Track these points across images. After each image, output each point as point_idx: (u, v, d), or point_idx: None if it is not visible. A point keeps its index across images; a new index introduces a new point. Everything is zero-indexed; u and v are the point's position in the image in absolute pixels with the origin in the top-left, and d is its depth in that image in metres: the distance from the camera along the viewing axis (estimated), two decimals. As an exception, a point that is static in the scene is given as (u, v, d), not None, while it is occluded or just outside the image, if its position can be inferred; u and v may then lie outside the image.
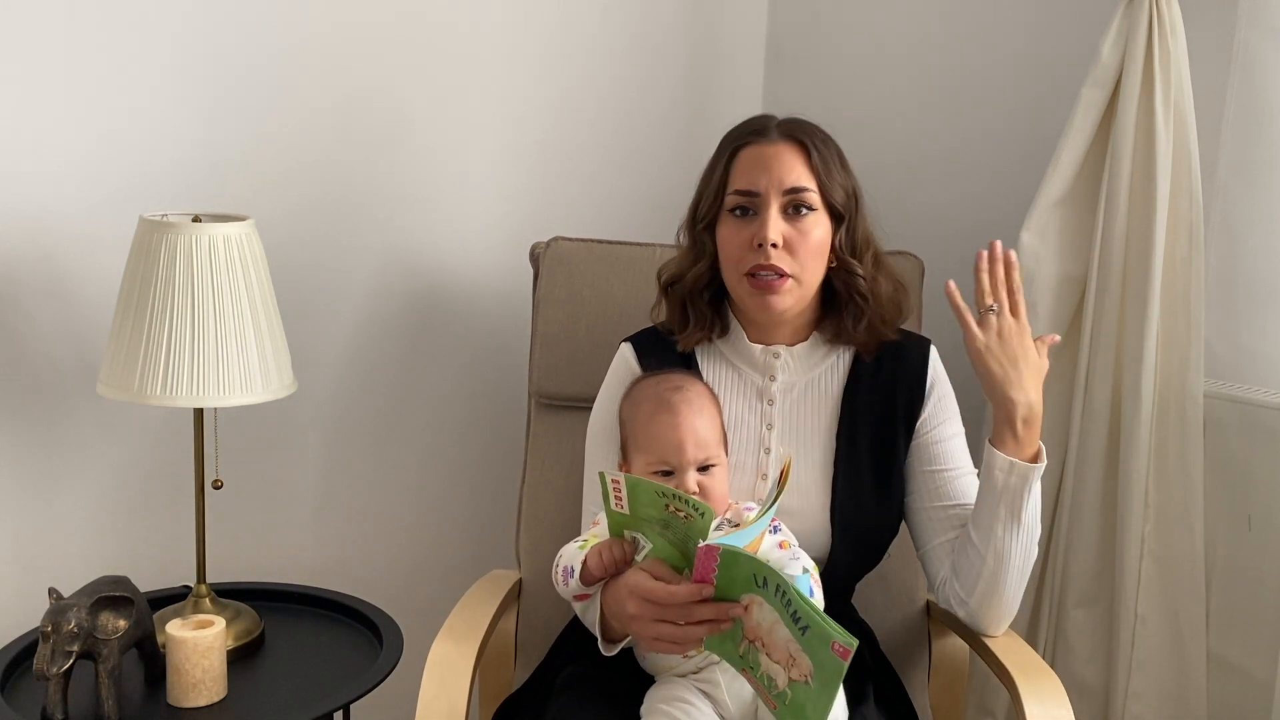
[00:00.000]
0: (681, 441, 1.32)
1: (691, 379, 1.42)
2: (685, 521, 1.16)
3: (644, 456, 1.35)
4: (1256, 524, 1.72)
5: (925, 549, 1.49)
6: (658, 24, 2.12)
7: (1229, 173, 1.75)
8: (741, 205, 1.42)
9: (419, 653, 1.44)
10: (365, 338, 1.96)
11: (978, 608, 1.43)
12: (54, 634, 1.39)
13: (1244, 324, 1.75)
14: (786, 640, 1.10)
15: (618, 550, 1.26)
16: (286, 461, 1.93)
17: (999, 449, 1.38)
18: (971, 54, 2.04)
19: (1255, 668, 1.72)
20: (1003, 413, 1.38)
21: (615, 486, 1.20)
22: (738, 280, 1.43)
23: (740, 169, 1.43)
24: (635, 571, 1.22)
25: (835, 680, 1.07)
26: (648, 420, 1.36)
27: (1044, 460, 1.39)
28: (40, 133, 1.66)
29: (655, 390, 1.38)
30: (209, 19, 1.74)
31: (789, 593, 1.08)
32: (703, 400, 1.38)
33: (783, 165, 1.41)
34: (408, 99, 1.92)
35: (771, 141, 1.43)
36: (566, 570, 1.32)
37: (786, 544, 1.31)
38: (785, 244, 1.39)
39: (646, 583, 1.19)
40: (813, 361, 1.49)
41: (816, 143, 1.43)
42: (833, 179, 1.43)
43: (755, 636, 1.14)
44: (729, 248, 1.43)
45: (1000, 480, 1.37)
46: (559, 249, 1.78)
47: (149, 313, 1.49)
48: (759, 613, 1.13)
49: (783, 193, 1.40)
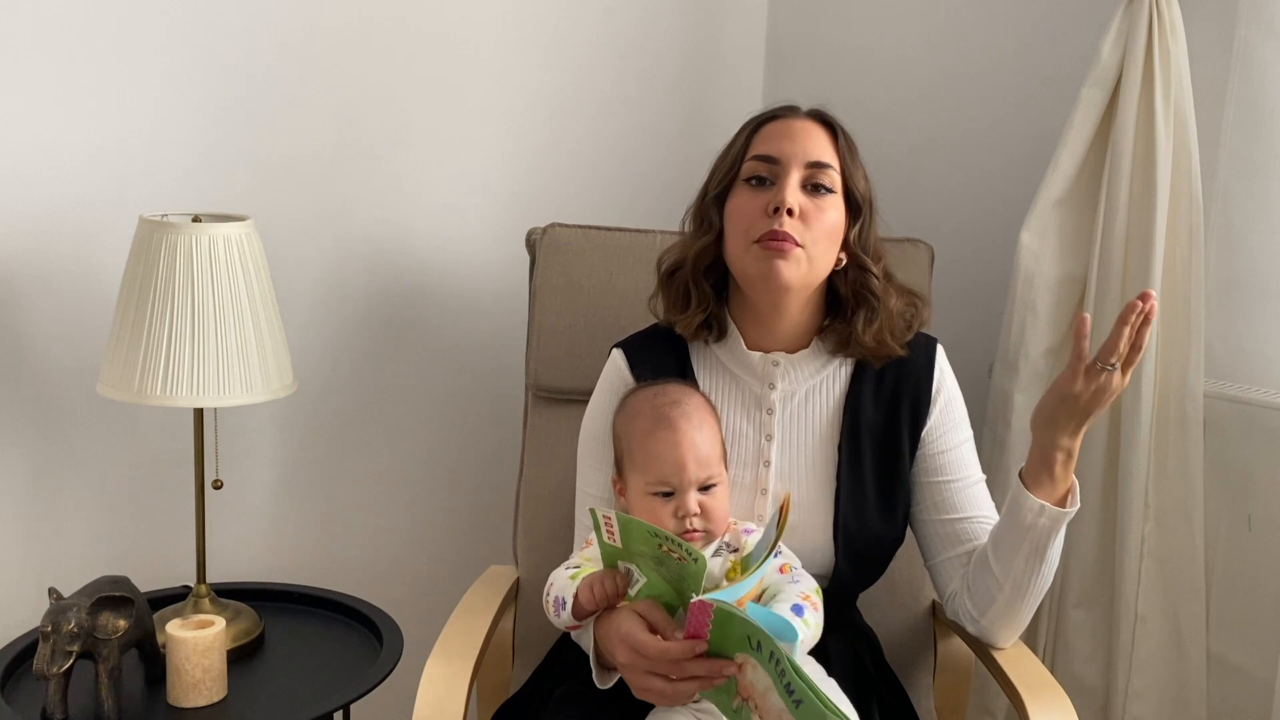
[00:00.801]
0: (682, 460, 1.26)
1: (689, 390, 1.35)
2: (679, 562, 1.12)
3: (642, 476, 1.29)
4: (1256, 524, 1.72)
5: (934, 562, 1.45)
6: (658, 18, 2.12)
7: (1229, 173, 1.74)
8: (759, 174, 1.35)
9: (419, 653, 1.44)
10: (365, 336, 1.96)
11: (989, 626, 1.39)
12: (54, 634, 1.39)
13: (1244, 324, 1.75)
14: (780, 710, 1.05)
15: (610, 584, 1.21)
16: (286, 461, 1.93)
17: (1033, 490, 1.29)
18: (971, 54, 2.04)
19: (1255, 668, 1.72)
20: (1047, 454, 1.29)
21: (607, 523, 1.16)
22: (745, 249, 1.34)
23: (763, 138, 1.38)
24: (628, 617, 1.17)
25: None
26: (645, 438, 1.29)
27: (1077, 504, 1.31)
28: (40, 133, 1.66)
29: (653, 405, 1.31)
30: (209, 18, 1.74)
31: (783, 662, 1.02)
32: (702, 414, 1.31)
33: (810, 138, 1.36)
34: (406, 95, 1.92)
35: (800, 117, 1.40)
36: (558, 601, 1.27)
37: (788, 567, 1.27)
38: (801, 215, 1.32)
39: (638, 634, 1.14)
40: (813, 369, 1.42)
41: (843, 129, 1.40)
42: (856, 167, 1.38)
43: (749, 696, 1.09)
44: (739, 215, 1.35)
45: (1029, 520, 1.29)
46: (556, 236, 1.75)
47: (149, 313, 1.49)
48: (753, 674, 1.07)
49: (805, 165, 1.34)
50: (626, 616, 1.18)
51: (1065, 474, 1.30)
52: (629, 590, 1.22)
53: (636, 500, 1.30)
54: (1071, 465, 1.30)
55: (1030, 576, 1.33)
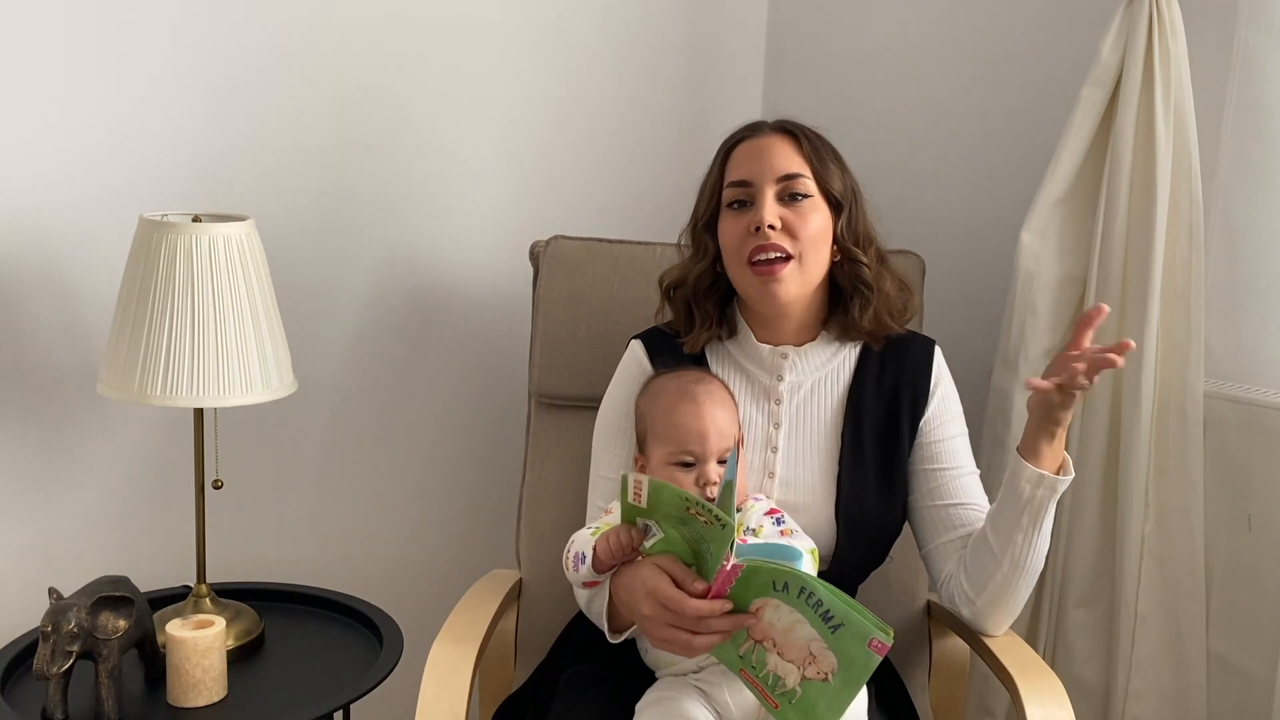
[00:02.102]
0: (705, 431, 1.34)
1: (709, 374, 1.45)
2: (705, 526, 1.16)
3: (665, 447, 1.36)
4: (1256, 524, 1.72)
5: (927, 548, 1.49)
6: (658, 23, 2.12)
7: (1229, 173, 1.75)
8: (738, 198, 1.43)
9: (419, 653, 1.44)
10: (365, 337, 1.96)
11: (984, 607, 1.43)
12: (54, 634, 1.39)
13: (1244, 324, 1.75)
14: (808, 639, 1.11)
15: (625, 536, 1.26)
16: (286, 461, 1.93)
17: (1030, 461, 1.35)
18: (971, 54, 2.04)
19: (1255, 668, 1.72)
20: (1042, 429, 1.34)
21: (637, 487, 1.20)
22: (741, 271, 1.43)
23: (734, 163, 1.46)
24: (653, 571, 1.21)
25: (862, 676, 1.08)
26: (669, 411, 1.37)
27: (1071, 472, 1.37)
28: (40, 133, 1.66)
29: (677, 383, 1.40)
30: (209, 17, 1.74)
31: (818, 593, 1.08)
32: (723, 393, 1.41)
33: (775, 154, 1.43)
34: (408, 98, 1.92)
35: (763, 135, 1.46)
36: (578, 556, 1.33)
37: (788, 531, 1.33)
38: (784, 226, 1.40)
39: (666, 589, 1.18)
40: (820, 361, 1.49)
41: (808, 135, 1.46)
42: (827, 168, 1.44)
43: (764, 637, 1.15)
44: (729, 239, 1.44)
45: (1027, 492, 1.35)
46: (559, 248, 1.78)
47: (149, 313, 1.49)
48: (772, 614, 1.14)
49: (776, 180, 1.41)
50: (651, 570, 1.22)
51: (1058, 446, 1.37)
52: (645, 544, 1.26)
53: (658, 472, 1.37)
54: (1063, 437, 1.36)
55: (1027, 551, 1.37)
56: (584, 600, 1.40)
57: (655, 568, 1.22)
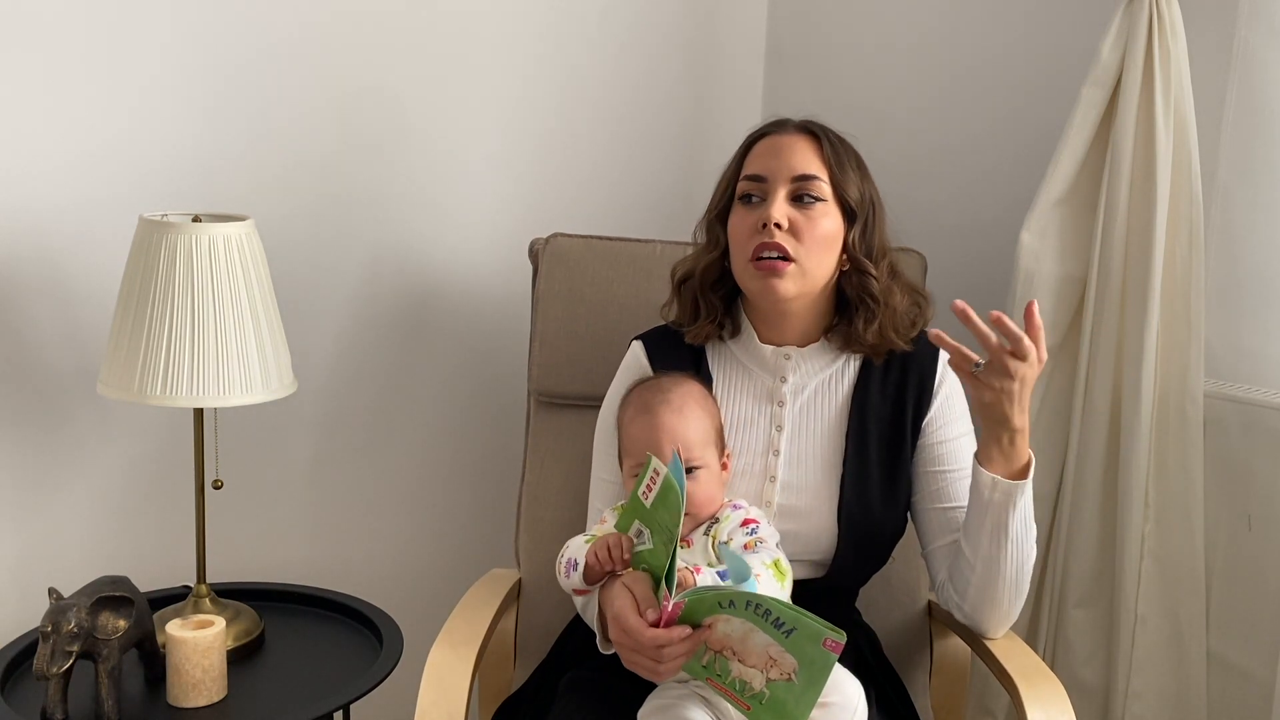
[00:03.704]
0: (657, 443, 1.32)
1: (682, 381, 1.41)
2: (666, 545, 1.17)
3: (627, 460, 1.38)
4: (1256, 524, 1.72)
5: (928, 549, 1.49)
6: (657, 22, 2.12)
7: (1229, 173, 1.74)
8: (750, 192, 1.42)
9: (419, 653, 1.44)
10: (365, 337, 1.96)
11: (973, 611, 1.43)
12: (54, 634, 1.39)
13: (1244, 324, 1.75)
14: (765, 645, 1.12)
15: (614, 546, 1.26)
16: (286, 461, 1.93)
17: (985, 466, 1.35)
18: (971, 54, 2.04)
19: (1255, 668, 1.72)
20: (993, 434, 1.33)
21: (654, 477, 1.21)
22: (744, 266, 1.41)
23: (753, 157, 1.45)
24: (621, 594, 1.21)
25: (824, 674, 1.10)
26: (628, 425, 1.39)
27: (1030, 474, 1.35)
28: (40, 133, 1.66)
29: (640, 395, 1.40)
30: (208, 17, 1.74)
31: (765, 604, 1.10)
32: (689, 403, 1.37)
33: (794, 153, 1.41)
34: (407, 97, 1.92)
35: (786, 133, 1.45)
36: (570, 563, 1.33)
37: (752, 544, 1.31)
38: (791, 228, 1.38)
39: (629, 618, 1.18)
40: (823, 363, 1.48)
41: (831, 138, 1.44)
42: (846, 174, 1.42)
43: (723, 647, 1.16)
44: (737, 233, 1.43)
45: (986, 495, 1.35)
46: (558, 245, 1.77)
47: (149, 313, 1.49)
48: (725, 627, 1.15)
49: (791, 179, 1.40)
50: (620, 593, 1.22)
51: (1016, 449, 1.34)
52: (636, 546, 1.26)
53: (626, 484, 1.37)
54: (1024, 437, 1.33)
55: (997, 554, 1.36)
56: (579, 605, 1.40)
57: (624, 588, 1.21)
